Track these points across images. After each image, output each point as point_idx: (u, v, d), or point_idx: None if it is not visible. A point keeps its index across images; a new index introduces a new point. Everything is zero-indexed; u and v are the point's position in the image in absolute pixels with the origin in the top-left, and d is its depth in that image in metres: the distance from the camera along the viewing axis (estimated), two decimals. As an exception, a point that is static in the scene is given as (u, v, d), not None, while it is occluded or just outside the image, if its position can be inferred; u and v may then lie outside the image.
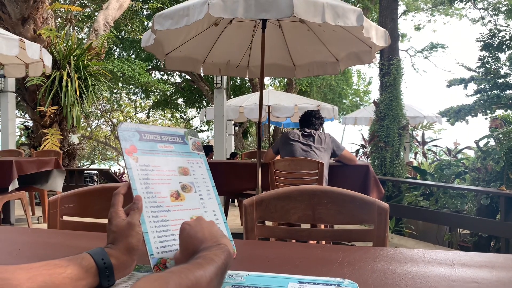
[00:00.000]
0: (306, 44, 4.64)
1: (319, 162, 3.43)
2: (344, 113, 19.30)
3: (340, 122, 16.91)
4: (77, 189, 1.38)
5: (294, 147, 3.60)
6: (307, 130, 3.70)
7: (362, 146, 6.61)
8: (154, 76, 16.21)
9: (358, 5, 11.32)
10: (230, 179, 4.08)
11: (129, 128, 0.85)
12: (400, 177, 6.14)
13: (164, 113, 20.48)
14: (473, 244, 4.33)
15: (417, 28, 17.52)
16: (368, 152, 6.50)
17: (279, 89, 17.11)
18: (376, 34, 3.86)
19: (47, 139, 6.60)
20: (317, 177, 3.44)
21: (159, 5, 11.55)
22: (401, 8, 17.11)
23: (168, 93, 17.31)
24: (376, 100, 6.58)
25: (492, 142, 4.68)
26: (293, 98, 7.53)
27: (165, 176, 0.85)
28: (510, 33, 10.14)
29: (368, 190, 3.87)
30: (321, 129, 3.92)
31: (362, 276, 0.75)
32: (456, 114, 17.93)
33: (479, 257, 0.87)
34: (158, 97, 18.11)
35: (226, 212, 4.69)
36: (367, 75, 25.03)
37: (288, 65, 4.94)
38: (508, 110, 16.01)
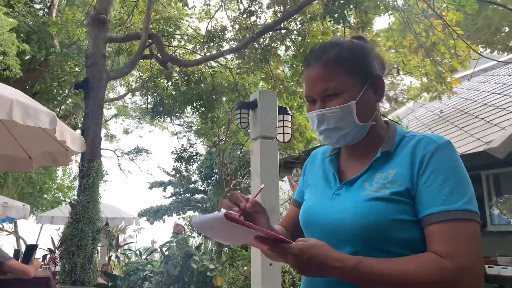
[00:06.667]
0: (-9, 136, 4.12)
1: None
2: (44, 209, 17.42)
3: (36, 220, 15.05)
4: None
5: None
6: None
7: (50, 250, 6.01)
8: None
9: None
10: None
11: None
12: (91, 283, 5.85)
13: None
14: None
15: (126, 131, 18.68)
16: (57, 258, 5.95)
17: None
18: (72, 139, 3.86)
19: None
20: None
21: None
22: (113, 110, 18.03)
23: None
24: (72, 201, 6.30)
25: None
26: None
27: None
28: (196, 150, 12.31)
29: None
30: None
31: None
32: (155, 214, 19.32)
33: None
34: None
35: None
36: (73, 170, 24.00)
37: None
38: (196, 211, 18.63)
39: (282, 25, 7.86)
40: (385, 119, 1.15)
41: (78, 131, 6.59)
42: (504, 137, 4.06)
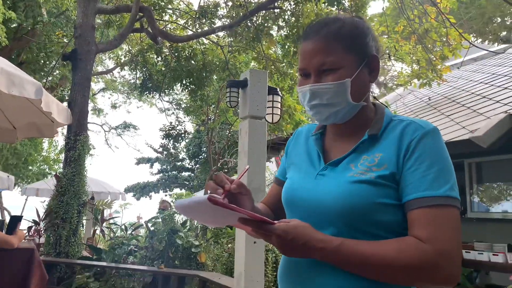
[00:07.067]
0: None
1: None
2: (30, 181, 17.27)
3: (21, 192, 14.95)
4: None
5: None
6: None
7: (35, 222, 5.99)
8: None
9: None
10: None
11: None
12: (75, 256, 5.87)
13: None
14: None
15: (114, 106, 18.44)
16: (42, 230, 5.94)
17: None
18: (58, 111, 3.80)
19: None
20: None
21: None
22: (101, 84, 17.73)
23: None
24: (58, 174, 6.26)
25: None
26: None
27: None
28: (184, 128, 12.25)
29: (30, 277, 3.49)
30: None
31: None
32: (141, 190, 19.33)
33: None
34: None
35: None
36: (59, 143, 23.69)
37: None
38: (183, 189, 18.70)
39: (275, 4, 7.76)
40: (374, 101, 1.15)
41: (65, 103, 6.47)
42: (489, 126, 4.13)
